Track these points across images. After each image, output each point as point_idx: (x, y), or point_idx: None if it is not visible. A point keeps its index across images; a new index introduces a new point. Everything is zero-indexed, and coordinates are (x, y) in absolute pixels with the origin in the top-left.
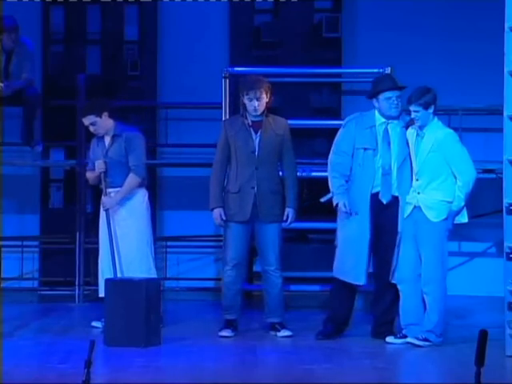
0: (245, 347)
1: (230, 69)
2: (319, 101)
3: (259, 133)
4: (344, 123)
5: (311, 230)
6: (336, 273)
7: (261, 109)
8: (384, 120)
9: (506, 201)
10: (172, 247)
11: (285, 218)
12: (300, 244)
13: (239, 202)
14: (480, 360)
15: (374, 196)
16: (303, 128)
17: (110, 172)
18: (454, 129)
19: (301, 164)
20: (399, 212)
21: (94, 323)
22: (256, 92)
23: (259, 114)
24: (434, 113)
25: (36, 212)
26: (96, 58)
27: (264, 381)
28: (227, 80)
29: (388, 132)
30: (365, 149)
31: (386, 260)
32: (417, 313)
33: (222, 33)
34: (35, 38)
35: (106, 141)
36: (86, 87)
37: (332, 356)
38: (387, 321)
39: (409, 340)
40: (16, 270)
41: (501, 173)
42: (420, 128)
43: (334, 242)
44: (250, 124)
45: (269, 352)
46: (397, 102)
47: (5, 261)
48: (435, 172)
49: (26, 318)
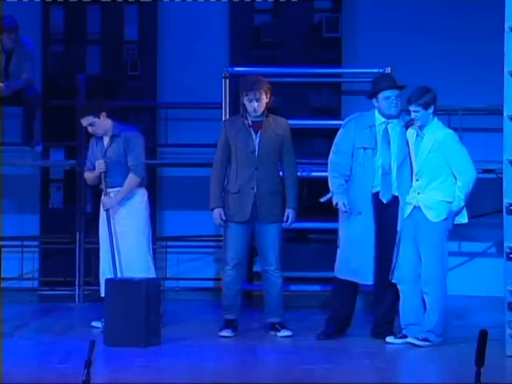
0: (245, 347)
1: (230, 69)
2: (319, 101)
3: (259, 133)
4: (344, 123)
5: (311, 230)
6: (340, 273)
7: (260, 110)
8: (384, 120)
9: (506, 201)
10: (172, 247)
11: (285, 219)
12: (300, 244)
13: (239, 203)
14: (480, 360)
15: (375, 196)
16: (303, 128)
17: (110, 172)
18: (454, 129)
19: (301, 164)
20: (399, 211)
21: (94, 323)
22: (256, 93)
23: (259, 115)
24: (434, 113)
25: (36, 212)
26: (96, 58)
27: (264, 381)
28: (227, 80)
29: (388, 132)
30: (364, 148)
31: (387, 260)
32: (417, 313)
33: (222, 33)
34: (35, 38)
35: (105, 141)
36: (86, 87)
37: (332, 356)
38: (387, 321)
39: (409, 340)
40: (16, 270)
41: (501, 173)
42: (420, 128)
43: (337, 243)
44: (250, 124)
45: (269, 352)
46: (396, 102)
47: (5, 261)
48: (435, 172)
49: (26, 318)
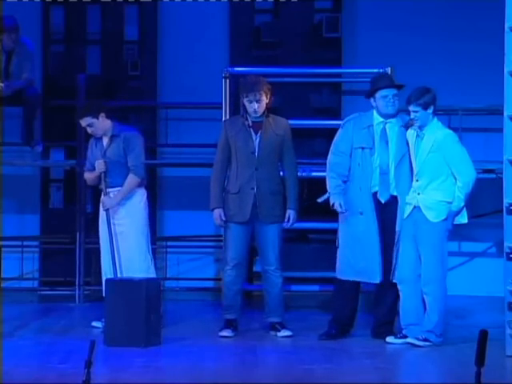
0: (245, 347)
1: (230, 69)
2: (319, 101)
3: (259, 133)
4: (342, 123)
5: (311, 230)
6: (343, 274)
7: (260, 110)
8: (382, 119)
9: (506, 201)
10: (172, 247)
11: (286, 220)
12: (300, 244)
13: (239, 203)
14: (480, 360)
15: (373, 195)
16: (303, 128)
17: (109, 172)
18: (454, 129)
19: (301, 164)
20: (398, 211)
21: (94, 323)
22: (256, 94)
23: (259, 115)
24: (434, 113)
25: (36, 212)
26: (96, 58)
27: (264, 381)
28: (227, 80)
29: (386, 131)
30: (362, 148)
31: (386, 260)
32: (417, 313)
33: (222, 33)
34: (35, 38)
35: (104, 141)
36: (86, 87)
37: (332, 356)
38: (387, 321)
39: (409, 340)
40: (16, 270)
41: (501, 173)
42: (420, 128)
43: (336, 244)
44: (251, 125)
45: (269, 352)
46: (393, 101)
47: (5, 261)
48: (435, 172)
49: (26, 318)
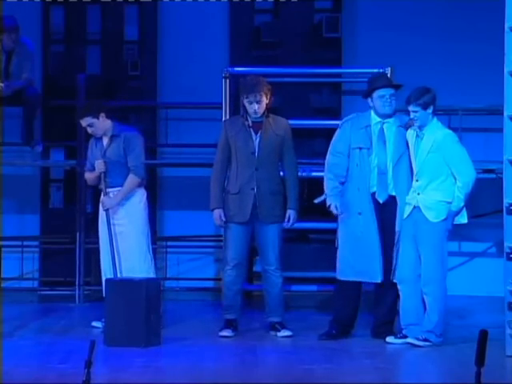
0: (245, 347)
1: (230, 69)
2: (319, 101)
3: (259, 133)
4: (340, 124)
5: (311, 230)
6: (344, 275)
7: (261, 111)
8: (379, 119)
9: (506, 201)
10: (172, 247)
11: (286, 220)
12: (300, 244)
13: (239, 203)
14: (480, 360)
15: (372, 196)
16: (303, 128)
17: (109, 172)
18: (454, 129)
19: (301, 164)
20: (397, 211)
21: (94, 323)
22: (256, 95)
23: (259, 116)
24: (434, 113)
25: (36, 212)
26: (96, 58)
27: (264, 381)
28: (227, 80)
29: (383, 131)
30: (360, 148)
31: (386, 259)
32: (417, 313)
33: (222, 33)
34: (35, 38)
35: (104, 141)
36: (86, 87)
37: (332, 356)
38: (387, 321)
39: (409, 340)
40: (16, 270)
41: (501, 173)
42: (419, 128)
43: (336, 244)
44: (251, 125)
45: (269, 352)
46: (390, 100)
47: (5, 261)
48: (435, 172)
49: (26, 318)
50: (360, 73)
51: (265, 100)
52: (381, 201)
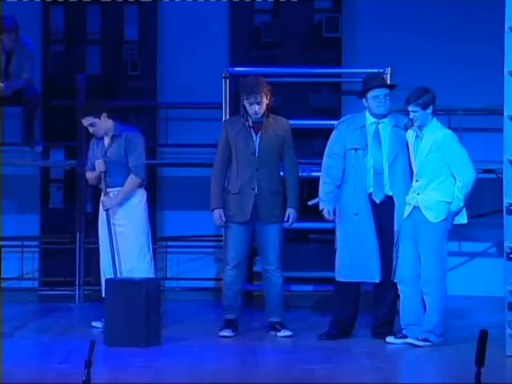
0: (245, 347)
1: (230, 69)
2: (319, 101)
3: (259, 134)
4: (336, 125)
5: (311, 230)
6: (342, 276)
7: (261, 112)
8: (374, 120)
9: (506, 201)
10: (172, 247)
11: (286, 219)
12: (300, 244)
13: (239, 203)
14: (480, 360)
15: (368, 196)
16: (303, 128)
17: (109, 172)
18: (454, 129)
19: (301, 164)
20: (395, 211)
21: (94, 323)
22: (256, 96)
23: (260, 116)
24: (434, 113)
25: (36, 212)
26: (96, 58)
27: (264, 381)
28: (227, 80)
29: (379, 131)
30: (355, 149)
31: (385, 259)
32: (417, 313)
33: (222, 33)
34: (35, 38)
35: (106, 141)
36: (86, 87)
37: (332, 356)
38: (387, 321)
39: (409, 340)
40: (16, 270)
41: (501, 173)
42: (419, 128)
43: (335, 245)
44: (251, 125)
45: (269, 352)
46: (385, 100)
47: (5, 261)
48: (435, 173)
49: (26, 318)
50: (360, 73)
51: (265, 101)
52: (377, 201)
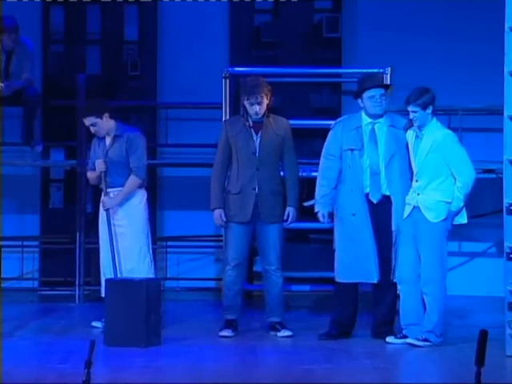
0: (245, 347)
1: (230, 69)
2: (319, 101)
3: (260, 133)
4: (332, 126)
5: (311, 230)
6: (341, 277)
7: (262, 112)
8: (370, 120)
9: (506, 201)
10: (172, 247)
11: (285, 217)
12: (300, 244)
13: (240, 203)
14: (480, 360)
15: (366, 196)
16: (303, 128)
17: (110, 172)
18: (454, 129)
19: (301, 164)
20: (392, 211)
21: (94, 323)
22: (257, 97)
23: (260, 116)
24: (433, 113)
25: (36, 212)
26: (96, 58)
27: (264, 381)
28: (227, 80)
29: (375, 132)
30: (352, 150)
31: (384, 259)
32: (417, 313)
33: (222, 33)
34: (35, 38)
35: (107, 141)
36: (86, 87)
37: (332, 356)
38: (387, 321)
39: (409, 340)
40: (16, 270)
41: (501, 173)
42: (419, 128)
43: (333, 246)
44: (251, 125)
45: (269, 352)
46: (380, 100)
47: (5, 261)
48: (434, 173)
49: (26, 318)
50: (360, 73)
51: (265, 101)
52: (374, 201)
